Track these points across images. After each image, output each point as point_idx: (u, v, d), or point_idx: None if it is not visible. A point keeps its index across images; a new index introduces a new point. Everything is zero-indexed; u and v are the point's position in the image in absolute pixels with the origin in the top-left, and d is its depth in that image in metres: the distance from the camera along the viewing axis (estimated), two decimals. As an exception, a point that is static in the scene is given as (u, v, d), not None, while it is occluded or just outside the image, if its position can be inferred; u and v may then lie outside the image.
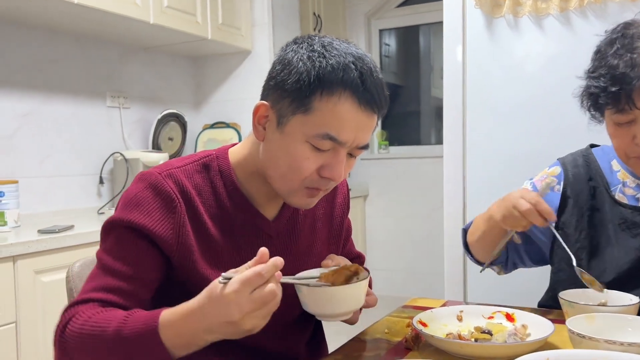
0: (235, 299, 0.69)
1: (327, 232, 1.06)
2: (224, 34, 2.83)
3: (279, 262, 0.72)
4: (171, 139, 2.92)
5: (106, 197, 2.62)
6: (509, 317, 0.98)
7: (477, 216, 1.25)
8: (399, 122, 4.24)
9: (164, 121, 2.84)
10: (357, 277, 0.88)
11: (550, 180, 1.22)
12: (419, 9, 4.02)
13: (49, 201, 2.37)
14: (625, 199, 1.16)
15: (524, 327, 0.93)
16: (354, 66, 0.82)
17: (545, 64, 1.99)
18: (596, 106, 1.11)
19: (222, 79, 3.16)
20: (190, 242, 0.87)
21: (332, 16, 3.79)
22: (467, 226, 1.30)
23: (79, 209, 2.47)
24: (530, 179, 1.30)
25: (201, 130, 3.15)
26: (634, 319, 0.86)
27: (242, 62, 3.09)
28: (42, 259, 1.76)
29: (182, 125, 2.96)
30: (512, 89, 2.04)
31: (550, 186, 1.21)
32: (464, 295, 2.11)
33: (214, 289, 0.71)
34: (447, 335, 0.92)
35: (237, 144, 0.99)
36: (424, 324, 0.94)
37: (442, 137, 2.17)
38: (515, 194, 1.07)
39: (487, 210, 1.17)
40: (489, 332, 0.92)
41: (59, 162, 2.42)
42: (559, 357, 0.69)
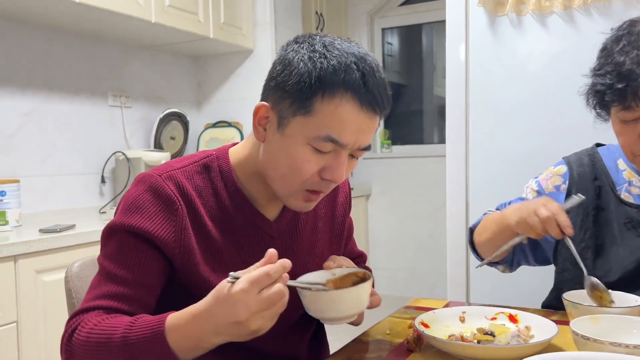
0: (242, 298, 0.69)
1: (329, 231, 1.06)
2: (225, 33, 2.82)
3: (287, 263, 0.72)
4: (173, 138, 2.91)
5: (108, 197, 2.62)
6: (512, 318, 0.97)
7: (487, 216, 1.23)
8: (401, 121, 4.22)
9: (165, 120, 2.83)
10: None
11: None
12: (421, 7, 4.01)
13: (51, 200, 2.36)
14: (631, 198, 1.15)
15: (527, 328, 0.92)
16: (355, 66, 0.81)
17: (548, 63, 1.97)
18: (602, 104, 1.10)
19: (224, 78, 3.15)
20: (191, 244, 0.87)
21: (335, 15, 3.78)
22: (474, 225, 1.28)
23: (80, 208, 2.47)
24: (535, 178, 1.29)
25: (203, 129, 3.15)
26: (639, 320, 0.85)
27: (244, 61, 3.08)
28: (43, 259, 1.76)
29: (184, 124, 2.95)
30: (515, 88, 2.03)
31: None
32: (467, 295, 2.10)
33: (221, 289, 0.71)
34: (449, 336, 0.91)
35: (237, 143, 0.98)
36: (426, 325, 0.93)
37: (445, 136, 2.16)
38: (538, 200, 1.04)
39: (501, 212, 1.15)
40: (492, 334, 0.91)
41: (61, 161, 2.42)
42: (563, 360, 0.68)
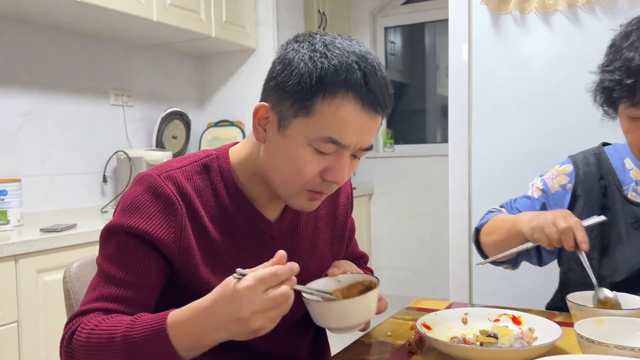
0: (248, 294, 0.68)
1: (330, 232, 1.05)
2: (228, 32, 2.81)
3: (295, 267, 0.71)
4: (175, 138, 2.91)
5: (109, 196, 2.61)
6: (516, 320, 0.96)
7: (497, 217, 1.22)
8: (404, 121, 4.21)
9: (167, 119, 2.83)
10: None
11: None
12: (424, 6, 3.99)
13: (52, 200, 2.36)
14: (638, 198, 1.14)
15: (531, 330, 0.91)
16: (357, 66, 0.79)
17: (552, 62, 1.96)
18: (610, 101, 1.09)
19: (226, 77, 3.14)
20: (191, 245, 0.86)
21: (337, 14, 3.77)
22: (481, 224, 1.27)
23: (82, 207, 2.47)
24: (540, 176, 1.28)
25: (205, 128, 3.14)
26: (644, 323, 0.84)
27: (246, 60, 3.07)
28: (44, 258, 1.75)
29: (186, 123, 2.95)
30: (518, 87, 2.01)
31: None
32: (470, 296, 2.09)
33: (227, 284, 0.71)
34: (451, 338, 0.90)
35: (238, 143, 0.97)
36: (428, 327, 0.92)
37: (448, 135, 2.14)
38: (558, 212, 1.03)
39: (514, 217, 1.13)
40: (495, 336, 0.90)
41: (62, 160, 2.41)
42: (567, 364, 0.67)
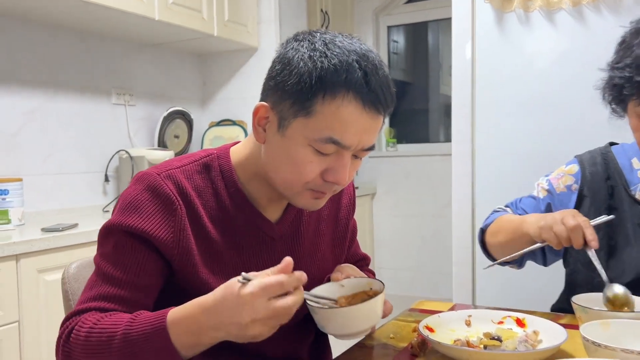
0: (250, 301, 0.68)
1: (332, 234, 1.03)
2: (230, 30, 2.80)
3: (303, 277, 0.70)
4: (177, 137, 2.90)
5: (111, 195, 2.61)
6: (520, 323, 0.95)
7: (503, 217, 1.21)
8: (407, 120, 4.19)
9: (169, 118, 2.82)
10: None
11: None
12: (427, 5, 3.98)
13: (54, 199, 2.35)
14: None
15: (536, 333, 0.89)
16: (357, 65, 0.78)
17: (557, 60, 1.94)
18: (619, 98, 1.07)
19: (228, 76, 3.13)
20: (190, 245, 0.85)
21: (340, 13, 3.75)
22: (486, 224, 1.26)
23: (84, 207, 2.46)
24: (546, 176, 1.26)
25: (207, 127, 3.13)
26: (651, 326, 0.82)
27: (249, 59, 3.06)
28: (46, 258, 1.75)
29: (188, 122, 2.94)
30: (522, 86, 2.00)
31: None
32: (473, 297, 2.07)
33: (231, 287, 0.70)
34: (454, 341, 0.88)
35: (239, 142, 0.95)
36: (430, 329, 0.91)
37: (451, 134, 2.13)
38: (566, 211, 1.03)
39: (520, 218, 1.12)
40: (499, 339, 0.88)
41: (64, 159, 2.41)
42: (573, 368, 0.65)
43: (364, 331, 0.83)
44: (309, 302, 0.82)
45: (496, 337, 0.89)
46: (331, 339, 1.09)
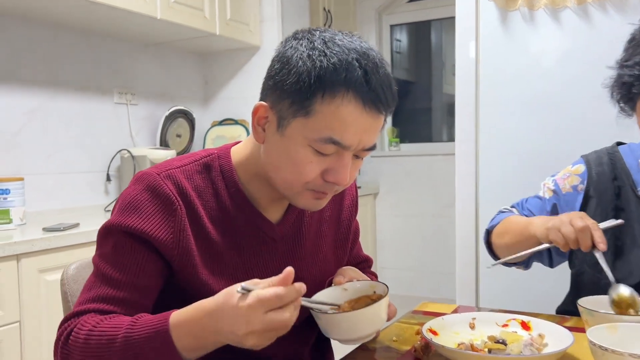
0: (246, 314, 0.67)
1: (334, 235, 1.02)
2: (232, 29, 2.79)
3: (302, 288, 0.69)
4: (179, 136, 2.89)
5: (113, 195, 2.60)
6: (525, 326, 0.93)
7: (509, 218, 1.19)
8: (410, 119, 4.18)
9: (171, 118, 2.81)
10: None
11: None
12: (430, 3, 3.96)
13: (55, 199, 2.35)
14: None
15: (541, 336, 0.88)
16: (357, 63, 0.77)
17: (561, 59, 1.92)
18: (628, 97, 1.06)
19: (230, 75, 3.12)
20: (190, 246, 0.84)
21: (343, 11, 3.74)
22: (492, 226, 1.24)
23: (85, 206, 2.46)
24: (552, 176, 1.25)
25: (209, 127, 3.12)
26: (659, 330, 0.81)
27: (251, 58, 3.05)
28: (47, 258, 1.74)
29: (190, 122, 2.93)
30: (527, 85, 1.98)
31: None
32: (476, 298, 2.06)
33: (230, 295, 0.69)
34: (458, 345, 0.87)
35: (240, 142, 0.94)
36: (434, 332, 0.89)
37: (454, 134, 2.11)
38: (574, 213, 1.02)
39: (527, 220, 1.11)
40: (504, 342, 0.87)
41: (66, 159, 2.40)
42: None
43: (368, 336, 0.82)
44: (311, 308, 0.81)
45: (501, 341, 0.88)
46: (334, 342, 1.08)
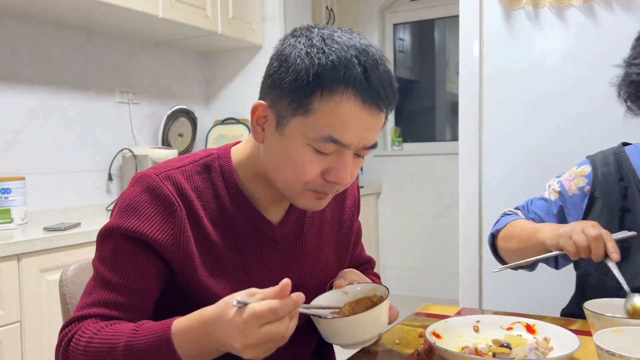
0: (242, 329, 0.66)
1: (336, 236, 1.01)
2: (234, 28, 2.78)
3: (300, 299, 0.68)
4: (181, 135, 2.88)
5: (115, 194, 2.59)
6: (530, 329, 0.92)
7: (515, 223, 1.17)
8: (413, 118, 4.16)
9: (173, 117, 2.80)
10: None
11: None
12: (434, 2, 3.94)
13: (57, 198, 2.34)
14: None
15: (546, 340, 0.86)
16: (356, 60, 0.75)
17: (566, 58, 1.90)
18: (636, 95, 1.04)
19: (232, 74, 3.11)
20: (191, 248, 0.83)
21: (345, 10, 3.72)
22: (497, 229, 1.23)
23: (87, 205, 2.45)
24: (557, 177, 1.23)
25: (212, 126, 3.11)
26: (667, 334, 0.79)
27: (253, 57, 3.04)
28: (48, 257, 1.73)
29: (192, 121, 2.92)
30: (531, 84, 1.96)
31: None
32: (480, 300, 2.04)
33: (226, 310, 0.68)
34: (462, 349, 0.86)
35: (240, 142, 0.93)
36: (437, 336, 0.88)
37: (458, 133, 2.10)
38: (586, 222, 1.01)
39: (535, 227, 1.09)
40: (508, 346, 0.85)
41: (67, 158, 2.39)
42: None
43: (369, 340, 0.81)
44: (311, 313, 0.80)
45: (505, 344, 0.86)
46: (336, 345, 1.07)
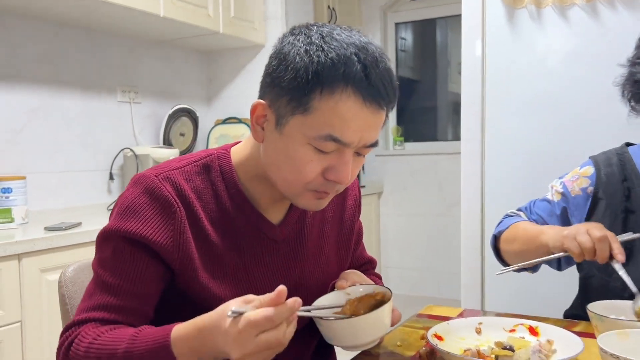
0: (238, 339, 0.65)
1: (337, 236, 1.00)
2: (236, 27, 2.77)
3: (296, 305, 0.67)
4: (182, 135, 2.88)
5: (116, 194, 2.59)
6: (533, 331, 0.91)
7: (518, 225, 1.17)
8: (415, 118, 4.15)
9: (175, 116, 2.79)
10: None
11: None
12: (436, 1, 3.92)
13: (58, 197, 2.34)
14: None
15: (550, 342, 0.86)
16: (356, 58, 0.74)
17: (569, 58, 1.89)
18: None
19: (234, 73, 3.10)
20: (191, 249, 0.82)
21: (347, 9, 3.71)
22: (500, 231, 1.22)
23: (88, 205, 2.44)
24: (560, 178, 1.22)
25: (213, 125, 3.10)
26: (672, 337, 0.78)
27: (255, 56, 3.03)
28: (48, 257, 1.73)
29: (194, 120, 2.91)
30: (533, 84, 1.95)
31: None
32: (482, 301, 2.03)
33: (222, 320, 0.67)
34: (464, 351, 0.85)
35: (240, 142, 0.92)
36: (439, 338, 0.87)
37: (460, 133, 2.09)
38: (591, 223, 1.00)
39: (538, 229, 1.09)
40: (511, 348, 0.85)
41: (68, 157, 2.39)
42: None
43: (371, 342, 0.80)
44: (311, 316, 0.79)
45: (508, 347, 0.85)
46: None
